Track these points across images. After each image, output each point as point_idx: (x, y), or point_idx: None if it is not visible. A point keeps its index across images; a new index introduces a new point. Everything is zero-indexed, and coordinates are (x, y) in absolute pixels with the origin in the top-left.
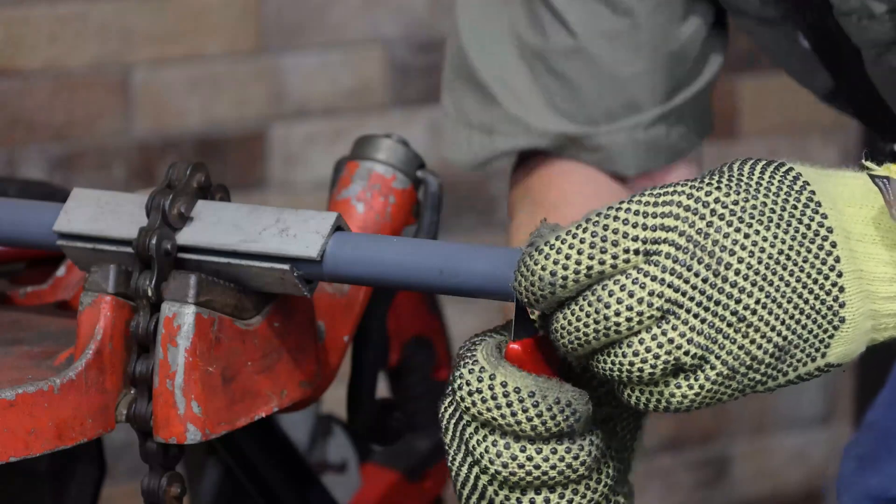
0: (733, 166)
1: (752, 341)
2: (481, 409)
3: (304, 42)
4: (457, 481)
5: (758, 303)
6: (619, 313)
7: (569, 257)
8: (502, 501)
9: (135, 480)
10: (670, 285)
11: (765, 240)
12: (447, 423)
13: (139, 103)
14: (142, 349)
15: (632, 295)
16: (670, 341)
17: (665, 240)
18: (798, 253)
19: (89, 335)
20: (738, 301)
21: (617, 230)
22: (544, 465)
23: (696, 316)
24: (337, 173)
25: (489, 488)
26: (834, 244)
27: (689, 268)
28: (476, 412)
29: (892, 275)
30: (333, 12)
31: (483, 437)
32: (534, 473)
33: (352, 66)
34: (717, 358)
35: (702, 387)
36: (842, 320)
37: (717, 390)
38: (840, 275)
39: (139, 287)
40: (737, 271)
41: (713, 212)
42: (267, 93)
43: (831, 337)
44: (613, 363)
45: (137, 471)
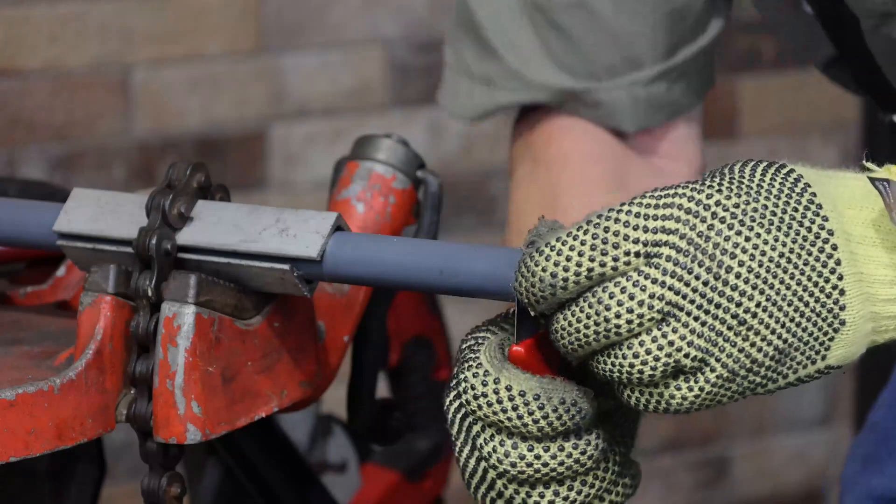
0: (734, 168)
1: (753, 344)
2: (487, 413)
3: (304, 42)
4: (465, 472)
5: (758, 306)
6: (619, 315)
7: (569, 259)
8: (512, 495)
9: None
10: (671, 288)
11: (765, 243)
12: (453, 417)
13: (139, 103)
14: (142, 349)
15: (632, 297)
16: (670, 343)
17: (666, 242)
18: (799, 256)
19: (89, 335)
20: (738, 304)
21: (618, 232)
22: (552, 463)
23: (696, 318)
24: (337, 173)
25: (498, 482)
26: (835, 247)
27: (690, 270)
28: (482, 415)
29: (893, 277)
30: (333, 12)
31: (490, 436)
32: (542, 471)
33: (352, 66)
34: (717, 360)
35: (702, 389)
36: (842, 323)
37: (716, 392)
38: (840, 278)
39: (139, 287)
40: (737, 274)
41: (714, 214)
42: (267, 93)
43: (831, 339)
44: (613, 364)
45: (137, 471)
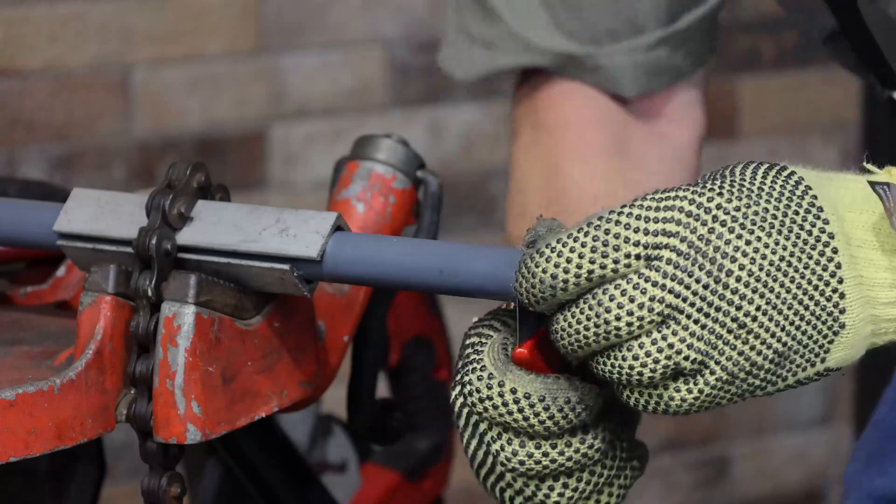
0: (735, 170)
1: (752, 347)
2: (493, 415)
3: (304, 42)
4: (473, 463)
5: (758, 309)
6: (619, 318)
7: (570, 261)
8: (521, 487)
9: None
10: (671, 291)
11: (766, 246)
12: (459, 412)
13: (139, 103)
14: (142, 349)
15: (632, 300)
16: (670, 346)
17: (666, 245)
18: (799, 259)
19: (89, 335)
20: (738, 307)
21: (619, 235)
22: (561, 459)
23: (696, 322)
24: (337, 173)
25: (507, 475)
26: (835, 250)
27: (691, 274)
28: (488, 416)
29: (892, 280)
30: (333, 12)
31: (497, 434)
32: (551, 467)
33: (352, 66)
34: (716, 363)
35: (701, 391)
36: (842, 326)
37: (716, 395)
38: (841, 281)
39: (139, 287)
40: (738, 278)
41: (715, 218)
42: (267, 93)
43: (831, 342)
44: (613, 366)
45: (137, 471)
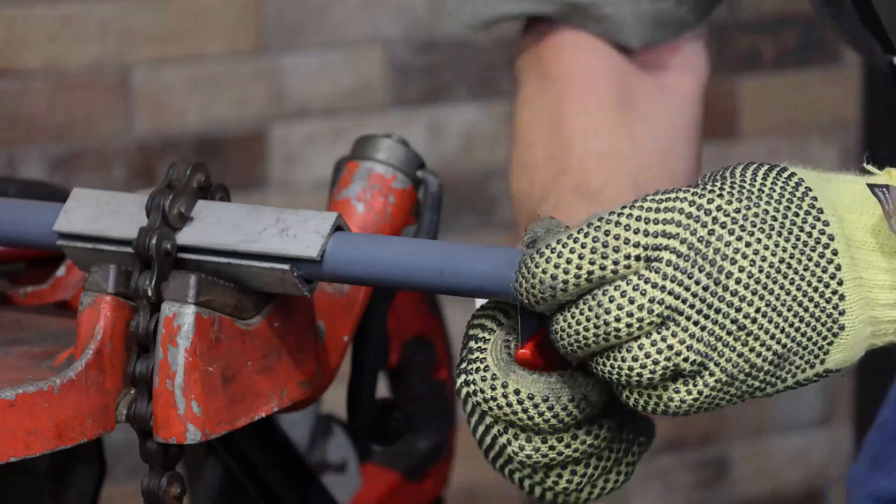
0: (735, 171)
1: (752, 349)
2: (498, 414)
3: (304, 42)
4: (481, 446)
5: (758, 311)
6: (619, 319)
7: (570, 261)
8: (531, 473)
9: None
10: (671, 292)
11: (766, 248)
12: (465, 400)
13: (139, 103)
14: (142, 349)
15: (632, 301)
16: (670, 347)
17: (666, 247)
18: (799, 261)
19: (89, 335)
20: (738, 309)
21: (618, 236)
22: (567, 451)
23: (695, 323)
24: (337, 173)
25: (516, 461)
26: (835, 252)
27: (690, 275)
28: (493, 415)
29: (891, 282)
30: (333, 12)
31: (504, 428)
32: (557, 459)
33: (352, 66)
34: (716, 365)
35: (700, 392)
36: (841, 327)
37: (715, 396)
38: (840, 283)
39: (139, 287)
40: (737, 280)
41: (715, 219)
42: (267, 93)
43: (830, 344)
44: (613, 367)
45: (137, 471)
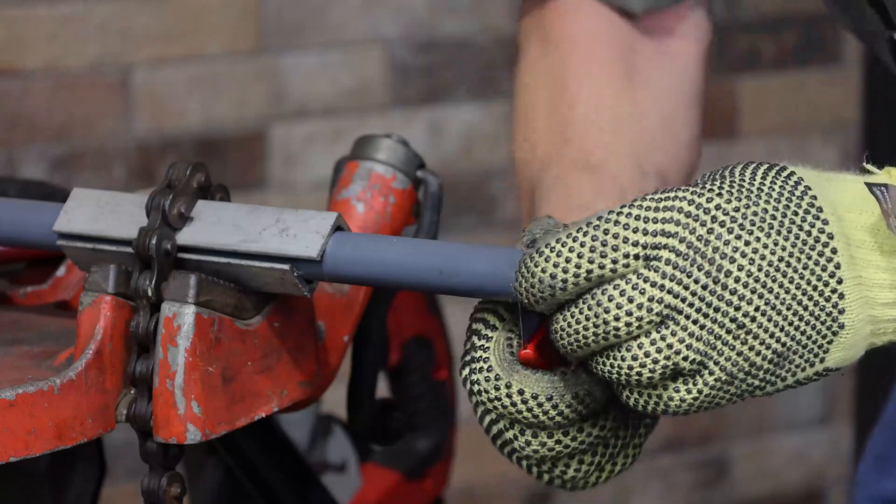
0: (734, 171)
1: (751, 348)
2: (503, 413)
3: (304, 42)
4: (488, 434)
5: (757, 310)
6: (618, 318)
7: (569, 260)
8: (537, 464)
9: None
10: (670, 291)
11: (765, 247)
12: (469, 395)
13: (139, 103)
14: (142, 349)
15: (631, 300)
16: (669, 346)
17: (665, 245)
18: (798, 260)
19: (89, 335)
20: (737, 308)
21: (617, 234)
22: (574, 444)
23: (695, 322)
24: (337, 173)
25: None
26: (834, 251)
27: (689, 274)
28: (497, 413)
29: (891, 281)
30: (333, 12)
31: (510, 423)
32: (564, 452)
33: (352, 66)
34: (715, 364)
35: (700, 391)
36: (841, 326)
37: (715, 395)
38: (840, 281)
39: (139, 287)
40: (737, 278)
41: (714, 218)
42: (267, 93)
43: (830, 343)
44: (612, 366)
45: (137, 471)
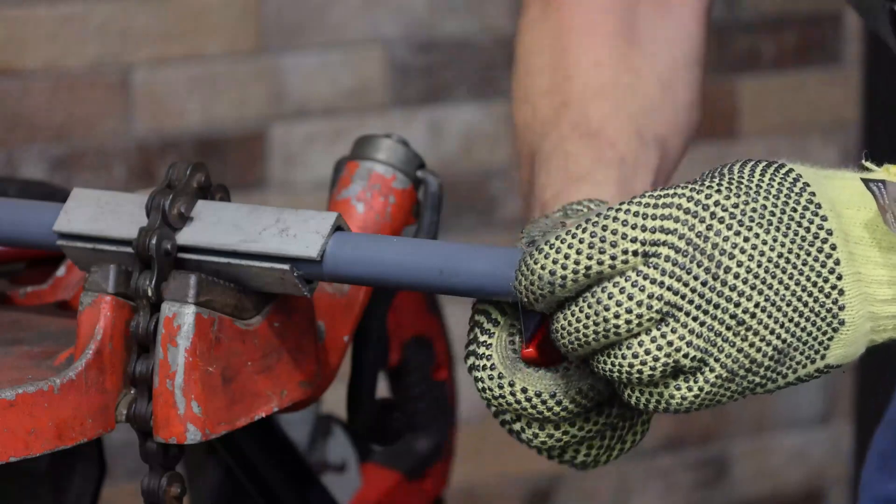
0: (733, 168)
1: (752, 344)
2: (508, 409)
3: (304, 42)
4: (497, 418)
5: (757, 306)
6: (618, 315)
7: (568, 257)
8: (548, 450)
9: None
10: (669, 288)
11: (764, 243)
12: (475, 384)
13: (139, 103)
14: (142, 349)
15: (631, 297)
16: (669, 344)
17: (664, 242)
18: (798, 256)
19: (89, 335)
20: (737, 304)
21: (616, 231)
22: (581, 434)
23: (695, 319)
24: (337, 173)
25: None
26: (833, 247)
27: (689, 271)
28: (503, 410)
29: (889, 277)
30: (333, 12)
31: (516, 416)
32: (571, 442)
33: (352, 66)
34: (716, 360)
35: (701, 388)
36: (841, 322)
37: (716, 392)
38: (840, 277)
39: (139, 287)
40: (736, 275)
41: (713, 215)
42: (267, 93)
43: (830, 339)
44: (613, 364)
45: (137, 471)
